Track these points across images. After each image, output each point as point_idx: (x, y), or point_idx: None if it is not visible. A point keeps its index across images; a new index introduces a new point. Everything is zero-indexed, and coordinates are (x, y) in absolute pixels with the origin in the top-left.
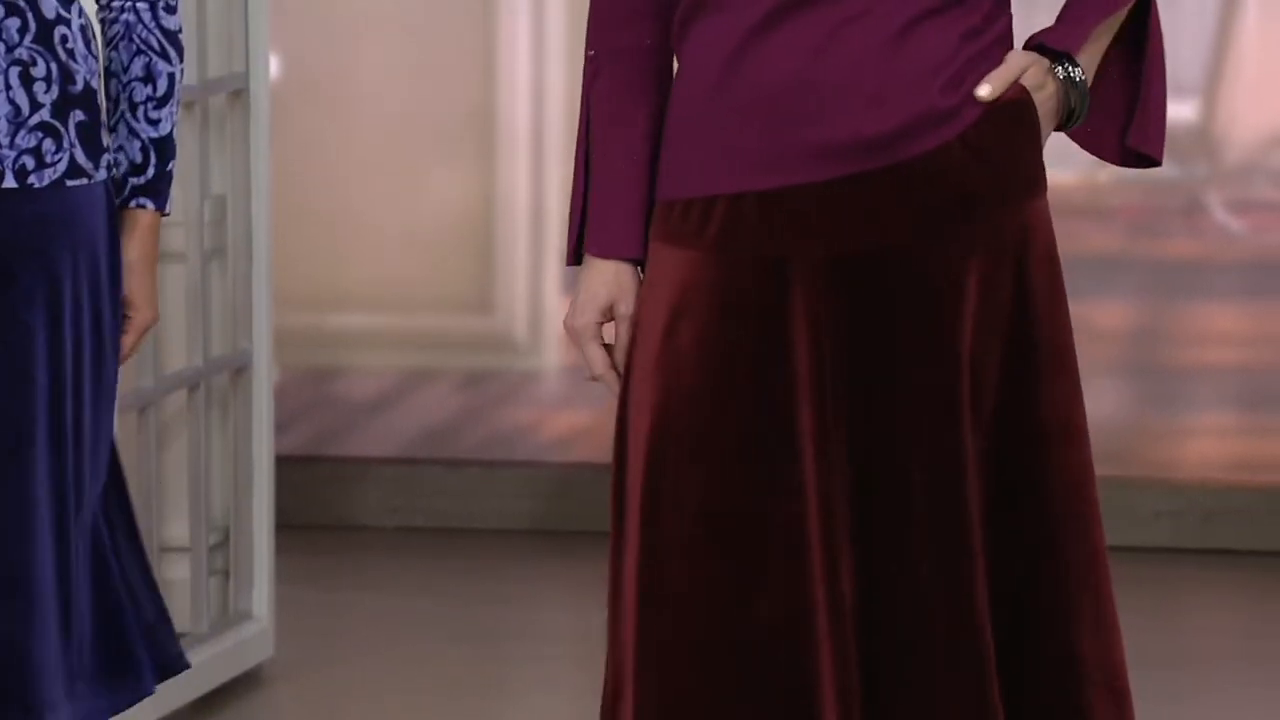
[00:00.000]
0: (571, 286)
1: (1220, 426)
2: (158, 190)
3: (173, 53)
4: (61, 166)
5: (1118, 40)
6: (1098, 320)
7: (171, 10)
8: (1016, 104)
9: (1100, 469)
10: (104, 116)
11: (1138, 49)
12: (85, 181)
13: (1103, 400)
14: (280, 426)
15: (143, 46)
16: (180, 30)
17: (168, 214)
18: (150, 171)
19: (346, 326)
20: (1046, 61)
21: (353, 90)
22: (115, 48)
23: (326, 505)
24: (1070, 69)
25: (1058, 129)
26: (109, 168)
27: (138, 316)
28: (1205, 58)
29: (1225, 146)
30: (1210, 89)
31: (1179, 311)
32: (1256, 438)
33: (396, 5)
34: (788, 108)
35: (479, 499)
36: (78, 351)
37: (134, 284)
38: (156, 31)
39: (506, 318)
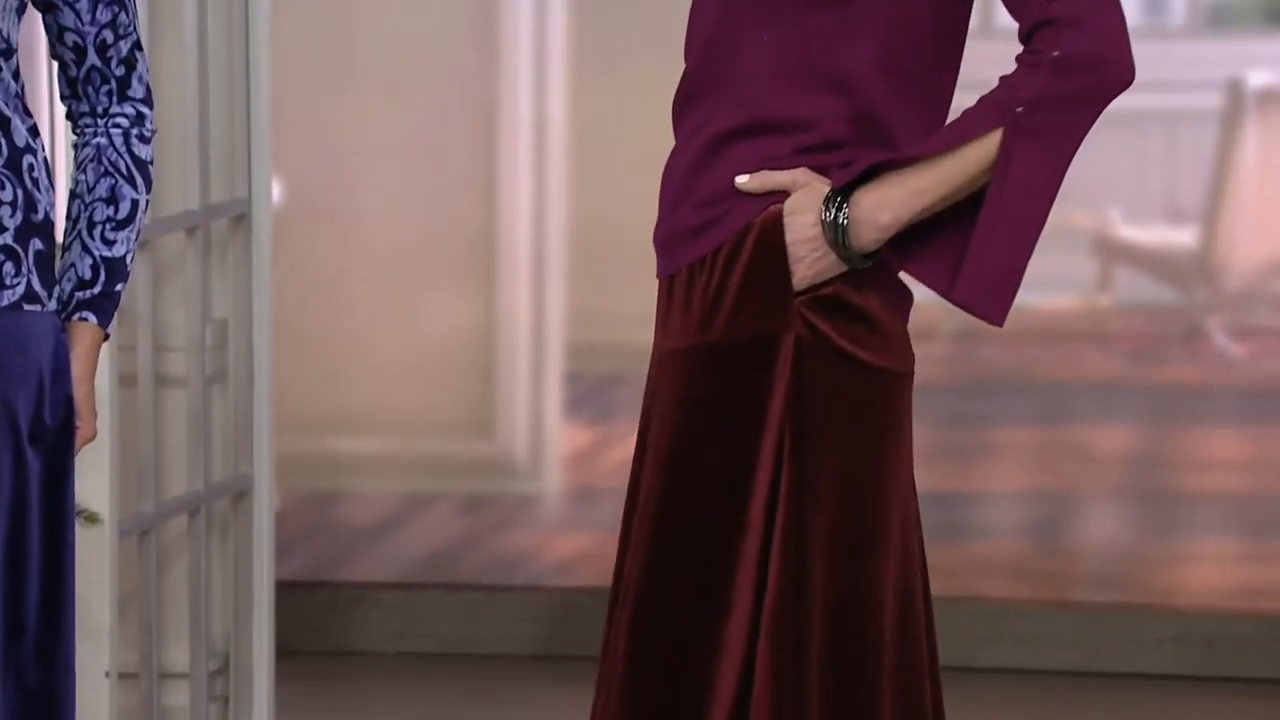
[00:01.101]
0: (572, 411)
1: (1222, 553)
2: (102, 307)
3: (140, 180)
4: (19, 290)
5: (981, 196)
6: (1098, 445)
7: (145, 140)
8: (765, 226)
9: (1102, 594)
10: (57, 249)
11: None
12: (39, 309)
13: (1103, 526)
14: (281, 551)
15: (111, 169)
16: (151, 161)
17: (109, 336)
18: (97, 288)
19: (347, 451)
20: (825, 190)
21: (354, 215)
22: (83, 170)
23: (327, 631)
24: (830, 210)
25: (852, 266)
26: (58, 299)
27: (77, 432)
28: (1205, 185)
29: (1225, 273)
30: (1210, 216)
31: (1180, 437)
32: (1259, 564)
33: (398, 130)
34: (661, 204)
35: (480, 624)
36: (20, 475)
37: (74, 398)
38: (126, 156)
39: (507, 441)
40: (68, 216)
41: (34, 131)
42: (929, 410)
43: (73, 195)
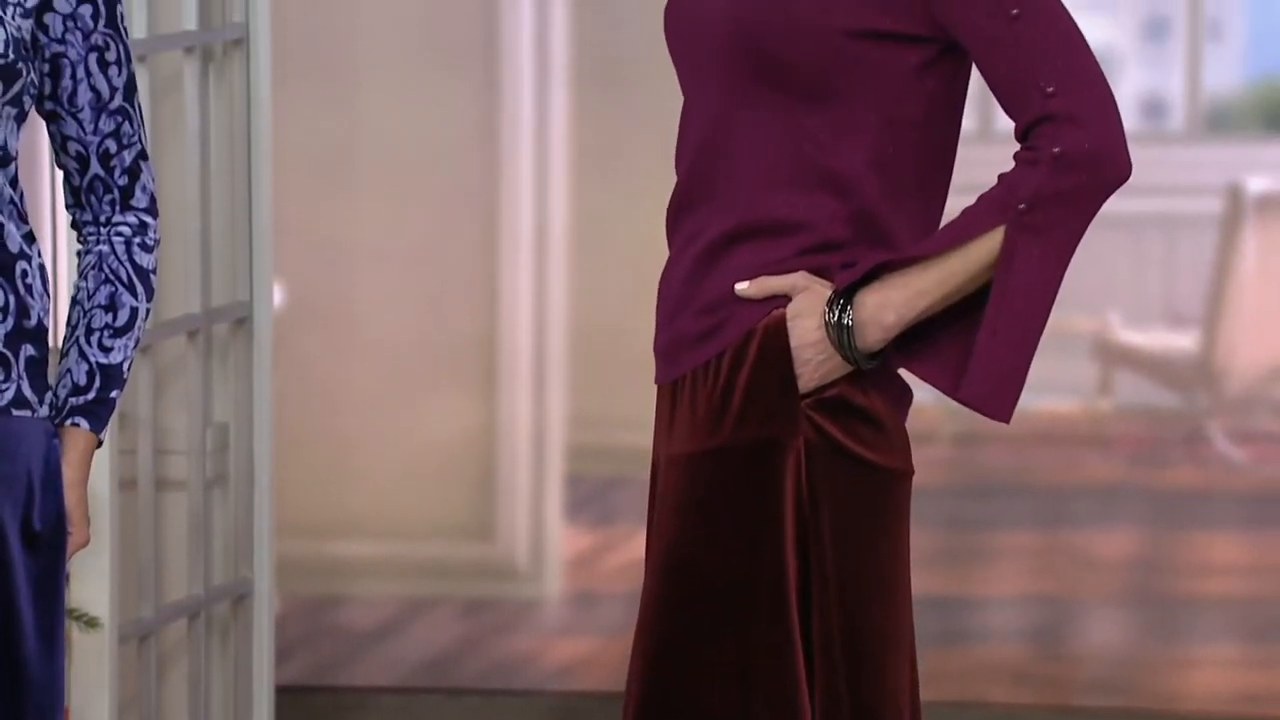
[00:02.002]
0: (573, 515)
1: (1224, 658)
2: (96, 413)
3: (140, 289)
4: (9, 395)
5: (982, 294)
6: (1099, 549)
7: (148, 249)
8: (768, 331)
9: (1103, 700)
10: (49, 355)
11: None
12: (29, 414)
13: (1104, 630)
14: (281, 656)
15: (111, 276)
16: (154, 270)
17: (102, 442)
18: (92, 394)
19: (347, 554)
20: (827, 292)
21: (355, 318)
22: (84, 277)
23: None
24: (834, 311)
25: (857, 367)
26: (51, 405)
27: (70, 538)
28: (1205, 290)
29: (1226, 377)
30: (1210, 320)
31: (1181, 541)
32: (1261, 670)
33: (399, 234)
34: (658, 313)
35: None
36: (9, 582)
37: (67, 504)
38: (128, 264)
39: (508, 545)
40: (68, 323)
41: (29, 238)
42: (929, 513)
43: (73, 302)
